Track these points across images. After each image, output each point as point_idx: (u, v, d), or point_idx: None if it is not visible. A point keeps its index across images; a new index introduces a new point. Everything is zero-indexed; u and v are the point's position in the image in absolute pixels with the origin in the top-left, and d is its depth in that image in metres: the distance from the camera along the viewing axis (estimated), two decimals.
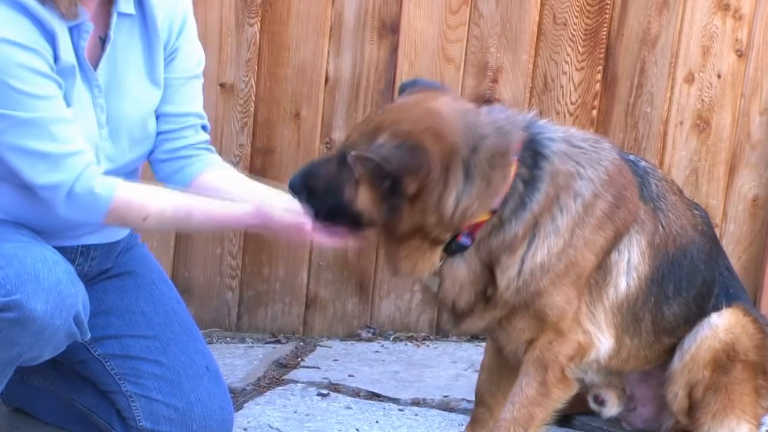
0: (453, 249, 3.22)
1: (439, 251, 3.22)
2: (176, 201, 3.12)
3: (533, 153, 3.22)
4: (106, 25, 3.19)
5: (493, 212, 3.18)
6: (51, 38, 3.00)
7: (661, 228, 3.41)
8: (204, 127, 3.45)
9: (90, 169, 3.02)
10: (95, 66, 3.18)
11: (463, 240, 3.20)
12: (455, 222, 3.13)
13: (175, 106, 3.37)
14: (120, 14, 3.20)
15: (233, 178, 3.41)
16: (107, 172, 3.13)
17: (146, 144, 3.34)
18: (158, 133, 3.38)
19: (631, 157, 3.47)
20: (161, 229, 3.06)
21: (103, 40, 3.19)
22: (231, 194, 3.23)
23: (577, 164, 3.26)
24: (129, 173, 3.33)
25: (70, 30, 3.08)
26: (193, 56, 3.40)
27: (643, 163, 3.47)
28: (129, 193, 3.06)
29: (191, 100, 3.41)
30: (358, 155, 3.09)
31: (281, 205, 3.15)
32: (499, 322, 3.33)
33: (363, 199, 3.11)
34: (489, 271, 3.25)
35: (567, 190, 3.23)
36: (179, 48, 3.34)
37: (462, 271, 3.26)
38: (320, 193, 3.15)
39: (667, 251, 3.42)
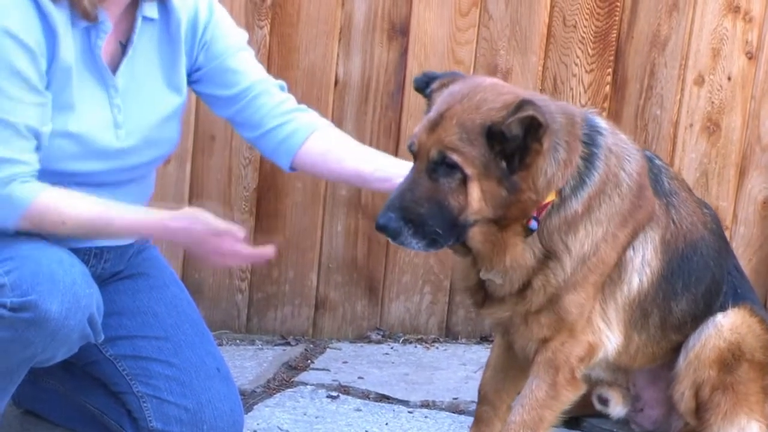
0: (525, 235, 3.17)
1: (522, 237, 3.16)
2: (96, 208, 3.08)
3: (590, 130, 3.21)
4: (130, 30, 3.20)
5: (558, 192, 3.14)
6: (52, 36, 3.02)
7: (672, 224, 3.40)
8: (281, 88, 3.47)
9: (18, 179, 3.00)
10: (115, 68, 3.19)
11: (533, 224, 3.15)
12: (542, 192, 3.08)
13: (232, 88, 3.40)
14: (145, 19, 3.21)
15: (338, 145, 3.41)
16: (122, 171, 3.15)
17: (163, 147, 3.35)
18: (235, 116, 3.43)
19: (648, 153, 3.47)
20: (82, 235, 3.06)
21: (123, 45, 3.20)
22: (340, 164, 3.26)
23: (621, 154, 3.26)
24: (142, 177, 3.34)
25: (87, 29, 3.09)
26: (229, 37, 3.41)
27: (658, 161, 3.47)
28: (48, 200, 3.04)
29: (244, 73, 3.41)
30: (464, 152, 3.00)
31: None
32: (524, 315, 3.30)
33: (476, 197, 3.03)
34: (546, 260, 3.20)
35: (614, 176, 3.22)
36: (211, 38, 3.36)
37: (529, 258, 3.21)
38: (427, 216, 3.04)
39: (678, 247, 3.42)
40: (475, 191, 3.03)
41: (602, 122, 3.29)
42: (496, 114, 3.02)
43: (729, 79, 4.65)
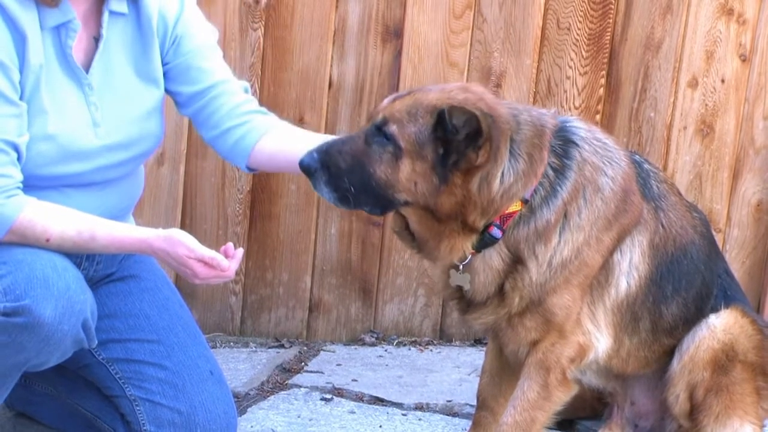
0: (484, 242, 3.20)
1: (471, 240, 3.19)
2: (80, 224, 3.09)
3: (563, 142, 3.24)
4: (99, 25, 3.19)
5: (524, 202, 3.17)
6: (22, 41, 3.02)
7: (661, 228, 3.41)
8: (245, 90, 3.47)
9: (1, 194, 3.00)
10: (89, 65, 3.18)
11: (495, 231, 3.18)
12: (497, 203, 3.12)
13: (195, 85, 3.39)
14: (112, 13, 3.21)
15: (289, 138, 3.40)
16: (107, 169, 3.15)
17: (147, 142, 3.35)
18: (196, 114, 3.42)
19: (637, 157, 3.48)
20: (65, 249, 3.07)
21: (97, 40, 3.20)
22: (294, 155, 3.23)
23: (602, 160, 3.28)
24: (129, 174, 3.33)
25: (57, 29, 3.09)
26: (198, 35, 3.41)
27: (646, 165, 3.48)
28: (33, 215, 3.04)
29: (209, 71, 3.41)
30: (405, 126, 3.04)
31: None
32: (509, 319, 3.32)
33: (405, 174, 3.06)
34: (514, 264, 3.23)
35: (592, 183, 3.24)
36: (181, 34, 3.36)
37: (496, 263, 3.24)
38: (345, 171, 3.09)
39: (667, 251, 3.42)
40: (405, 167, 3.07)
41: (580, 131, 3.29)
42: (453, 103, 3.06)
43: (723, 81, 4.65)
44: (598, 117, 4.60)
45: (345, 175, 3.09)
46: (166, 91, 3.45)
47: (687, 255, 3.47)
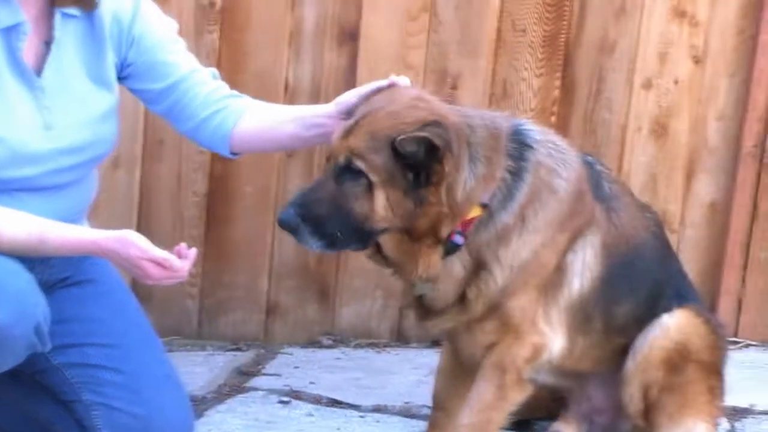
0: (447, 250, 3.21)
1: (440, 252, 3.20)
2: (30, 226, 3.07)
3: (518, 144, 3.25)
4: (51, 27, 3.18)
5: (484, 207, 3.18)
6: None
7: (613, 228, 3.43)
8: (213, 76, 3.47)
9: None
10: (41, 68, 3.17)
11: (457, 238, 3.20)
12: (461, 208, 3.13)
13: (164, 81, 3.38)
14: (64, 15, 3.19)
15: (266, 115, 3.42)
16: (58, 173, 3.13)
17: (100, 147, 3.32)
18: (170, 110, 3.42)
19: (588, 158, 3.51)
20: (16, 253, 3.06)
21: (48, 44, 3.19)
22: (274, 131, 3.29)
23: (556, 162, 3.30)
24: (81, 179, 3.31)
25: (6, 32, 3.08)
26: (157, 30, 3.39)
27: (598, 166, 3.51)
28: None
29: (175, 65, 3.40)
30: (369, 160, 3.06)
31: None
32: (468, 324, 3.33)
33: (381, 204, 3.08)
34: (477, 270, 3.24)
35: (548, 185, 3.26)
36: (139, 32, 3.34)
37: (457, 270, 3.25)
38: (326, 217, 3.09)
39: (620, 251, 3.44)
40: (380, 199, 3.08)
41: (534, 134, 3.31)
42: (405, 128, 3.08)
43: (676, 83, 4.69)
44: (553, 119, 4.63)
45: (326, 222, 3.10)
46: (135, 90, 3.44)
47: (639, 255, 3.50)
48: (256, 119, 3.42)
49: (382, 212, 3.09)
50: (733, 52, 4.68)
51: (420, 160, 3.05)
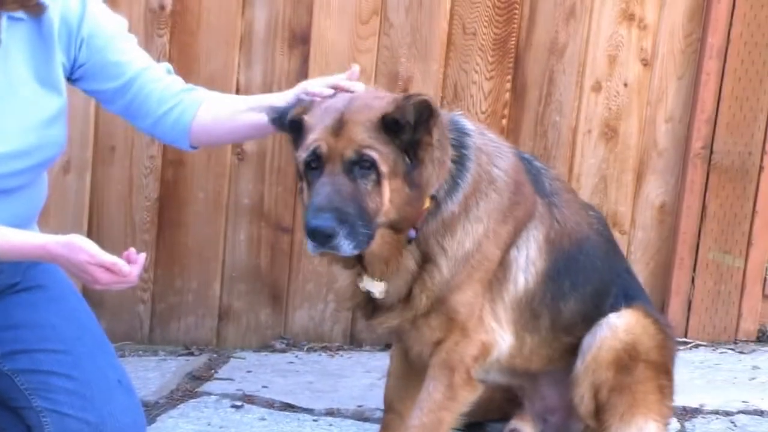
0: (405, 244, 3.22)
1: (405, 243, 3.20)
2: None
3: (458, 133, 3.27)
4: None
5: (432, 198, 3.19)
6: None
7: (556, 223, 3.45)
8: (168, 71, 3.46)
9: None
10: None
11: (410, 232, 3.20)
12: (425, 194, 3.14)
13: (118, 80, 3.37)
14: (10, 18, 3.16)
15: (221, 106, 3.42)
16: (7, 177, 3.11)
17: (49, 150, 3.29)
18: (127, 108, 3.40)
19: (525, 154, 3.52)
20: None
21: None
22: (232, 121, 3.31)
23: (492, 152, 3.32)
24: (30, 182, 3.28)
25: None
26: (107, 29, 3.37)
27: (537, 163, 3.53)
28: None
29: (128, 63, 3.39)
30: (377, 148, 3.04)
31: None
32: (413, 320, 3.33)
33: (387, 196, 3.07)
34: (424, 264, 3.24)
35: (487, 174, 3.27)
36: (88, 33, 3.32)
37: (410, 265, 3.25)
38: (355, 217, 3.03)
39: (563, 247, 3.46)
40: (386, 190, 3.08)
41: (468, 124, 3.34)
42: (388, 106, 3.08)
43: (625, 85, 4.73)
44: (504, 121, 4.65)
45: (355, 221, 3.03)
46: (89, 91, 3.43)
47: (583, 251, 3.51)
48: (213, 110, 3.42)
49: (388, 204, 3.08)
50: (680, 54, 4.73)
51: (411, 135, 3.04)
